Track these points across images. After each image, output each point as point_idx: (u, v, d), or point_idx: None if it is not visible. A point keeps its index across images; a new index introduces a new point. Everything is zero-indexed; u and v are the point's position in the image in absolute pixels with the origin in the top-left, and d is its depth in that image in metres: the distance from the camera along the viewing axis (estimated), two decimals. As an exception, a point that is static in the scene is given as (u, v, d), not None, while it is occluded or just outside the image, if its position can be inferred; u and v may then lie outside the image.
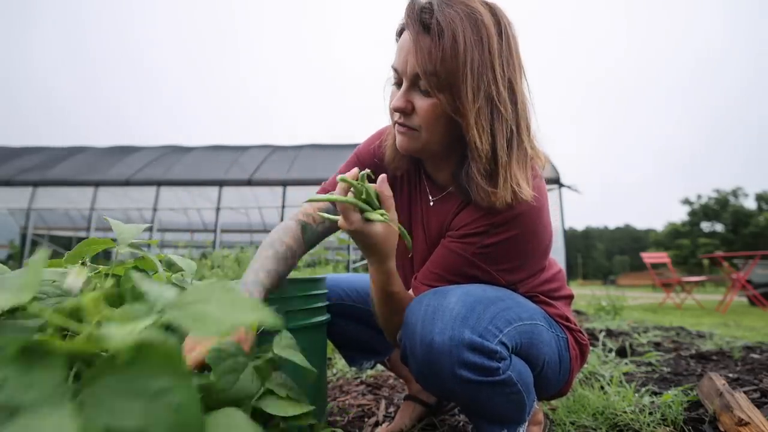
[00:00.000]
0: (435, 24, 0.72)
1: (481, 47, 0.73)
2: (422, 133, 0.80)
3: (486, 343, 0.72)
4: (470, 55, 0.72)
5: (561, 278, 1.04)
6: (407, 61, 0.76)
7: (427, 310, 0.75)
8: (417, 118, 0.79)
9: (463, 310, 0.74)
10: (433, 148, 0.84)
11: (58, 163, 9.30)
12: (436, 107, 0.77)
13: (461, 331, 0.72)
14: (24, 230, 8.72)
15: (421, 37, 0.73)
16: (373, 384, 1.64)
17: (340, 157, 9.08)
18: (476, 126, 0.75)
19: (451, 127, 0.79)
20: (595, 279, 67.57)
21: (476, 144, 0.75)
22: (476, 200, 0.81)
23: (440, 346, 0.71)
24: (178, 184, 8.45)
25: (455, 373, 0.72)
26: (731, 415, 1.01)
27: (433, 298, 0.77)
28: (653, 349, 2.27)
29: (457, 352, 0.71)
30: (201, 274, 3.27)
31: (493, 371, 0.73)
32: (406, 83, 0.78)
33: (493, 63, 0.74)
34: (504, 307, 0.79)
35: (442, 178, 0.93)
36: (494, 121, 0.76)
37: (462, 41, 0.72)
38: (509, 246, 0.82)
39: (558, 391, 0.98)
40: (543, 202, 0.84)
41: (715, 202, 42.67)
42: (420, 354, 0.74)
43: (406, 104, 0.79)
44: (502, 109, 0.76)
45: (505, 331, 0.76)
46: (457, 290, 0.78)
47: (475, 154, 0.77)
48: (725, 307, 5.86)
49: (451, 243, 0.86)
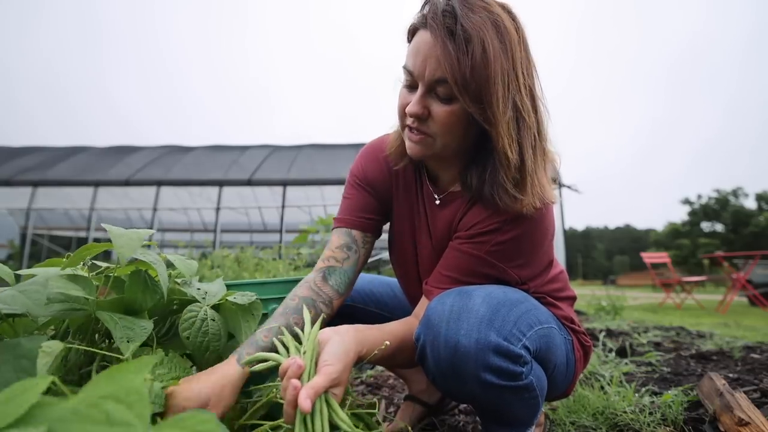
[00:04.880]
0: (461, 31, 0.70)
1: (505, 56, 0.72)
2: (437, 139, 0.79)
3: (512, 347, 0.71)
4: (499, 65, 0.71)
5: (564, 279, 1.04)
6: (426, 66, 0.74)
7: (452, 310, 0.73)
8: (433, 125, 0.78)
9: (488, 313, 0.72)
10: (444, 154, 0.83)
11: (58, 163, 9.30)
12: (454, 115, 0.75)
13: (487, 333, 0.70)
14: (24, 230, 8.72)
15: (448, 44, 0.70)
16: (373, 384, 1.64)
17: (340, 157, 9.08)
18: (507, 136, 0.74)
19: (468, 134, 0.79)
20: (595, 279, 67.50)
21: (507, 154, 0.75)
22: (498, 205, 0.80)
23: (466, 349, 0.70)
24: (178, 184, 8.45)
25: (479, 377, 0.71)
26: (731, 415, 1.01)
27: (458, 299, 0.75)
28: (653, 349, 2.27)
29: (483, 356, 0.70)
30: (201, 274, 3.27)
31: (516, 376, 0.72)
32: (423, 88, 0.76)
33: (516, 71, 0.74)
34: (525, 310, 0.79)
35: (446, 178, 0.92)
36: (521, 129, 0.76)
37: (491, 50, 0.70)
38: (520, 241, 0.82)
39: (562, 393, 0.98)
40: None
41: (715, 202, 42.63)
42: (443, 356, 0.72)
43: (423, 110, 0.77)
44: (526, 117, 0.75)
45: (528, 335, 0.76)
46: (480, 291, 0.76)
47: (505, 162, 0.76)
48: (725, 307, 5.86)
49: (462, 244, 0.85)
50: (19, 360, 0.44)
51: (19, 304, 0.48)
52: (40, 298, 0.49)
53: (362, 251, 0.96)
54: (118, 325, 0.53)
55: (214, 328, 0.63)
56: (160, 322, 0.67)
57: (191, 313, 0.63)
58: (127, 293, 0.61)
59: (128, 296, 0.60)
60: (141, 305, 0.61)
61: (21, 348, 0.45)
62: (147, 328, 0.55)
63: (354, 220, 0.97)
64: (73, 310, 0.54)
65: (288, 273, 3.08)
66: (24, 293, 0.49)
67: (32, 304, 0.48)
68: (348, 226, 0.96)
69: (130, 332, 0.53)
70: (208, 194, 8.65)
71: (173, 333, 0.68)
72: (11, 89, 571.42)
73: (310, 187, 8.47)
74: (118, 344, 0.51)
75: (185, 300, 0.68)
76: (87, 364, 0.58)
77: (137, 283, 0.62)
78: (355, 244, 0.95)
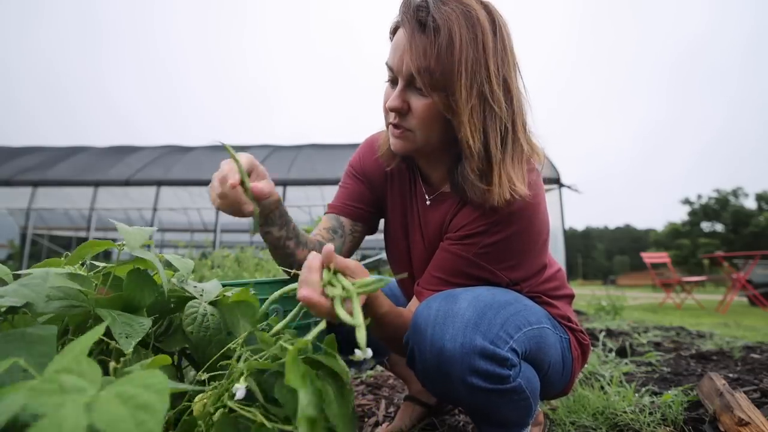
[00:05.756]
0: (431, 21, 0.71)
1: (475, 45, 0.73)
2: (417, 133, 0.80)
3: (498, 350, 0.71)
4: (465, 53, 0.72)
5: (561, 277, 1.04)
6: (403, 60, 0.75)
7: (437, 314, 0.73)
8: (412, 119, 0.79)
9: (474, 316, 0.72)
10: (428, 149, 0.84)
11: (58, 163, 9.30)
12: (432, 107, 0.76)
13: (473, 337, 0.70)
14: (24, 230, 8.72)
15: (417, 35, 0.72)
16: (373, 384, 1.64)
17: (340, 157, 9.08)
18: (469, 124, 0.74)
19: (447, 127, 0.79)
20: (595, 279, 67.54)
21: (469, 143, 0.75)
22: (472, 199, 0.80)
23: (451, 353, 0.70)
24: (178, 184, 8.45)
25: (465, 381, 0.70)
26: (731, 415, 1.01)
27: (444, 303, 0.75)
28: (653, 349, 2.27)
29: (468, 360, 0.69)
30: (201, 274, 3.27)
31: (503, 379, 0.72)
32: (402, 82, 0.77)
33: (487, 61, 0.74)
34: (513, 312, 0.78)
35: (436, 177, 0.92)
36: (486, 119, 0.76)
37: (458, 39, 0.71)
38: (510, 243, 0.82)
39: (560, 392, 0.98)
40: (540, 197, 0.84)
41: (715, 202, 42.64)
42: (429, 360, 0.72)
43: (402, 104, 0.78)
44: (496, 107, 0.75)
45: (516, 337, 0.75)
46: (467, 294, 0.76)
47: (468, 152, 0.76)
48: (725, 307, 5.86)
49: (451, 246, 0.85)
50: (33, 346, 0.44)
51: (21, 296, 0.49)
52: (41, 291, 0.50)
53: (348, 238, 1.00)
54: (117, 322, 0.53)
55: (215, 323, 0.64)
56: (158, 320, 0.67)
57: (192, 309, 0.64)
58: (126, 291, 0.61)
59: (127, 294, 0.61)
60: (140, 303, 0.61)
61: (30, 336, 0.45)
62: (145, 325, 0.55)
63: (343, 207, 1.01)
64: (73, 307, 0.54)
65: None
66: (26, 286, 0.50)
67: (35, 295, 0.49)
68: (337, 212, 1.01)
69: (129, 329, 0.53)
70: (208, 194, 8.65)
71: (172, 331, 0.68)
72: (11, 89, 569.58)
73: (310, 187, 8.47)
74: (118, 340, 0.51)
75: (182, 298, 0.69)
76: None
77: (136, 280, 0.62)
78: (342, 230, 0.99)
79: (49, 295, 0.53)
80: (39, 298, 0.49)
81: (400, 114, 0.79)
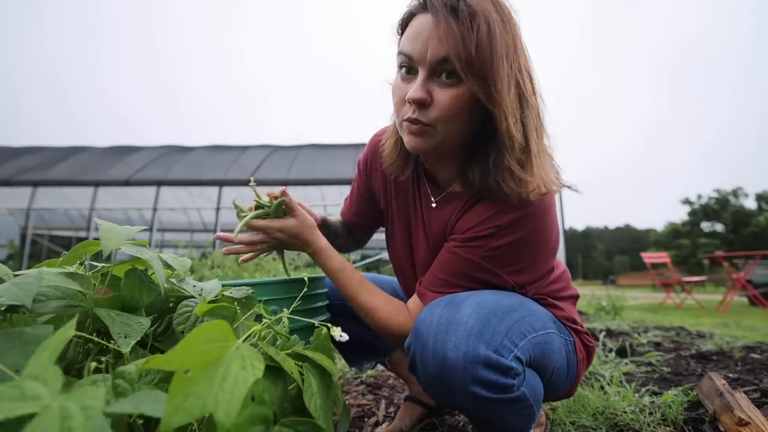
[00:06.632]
0: (464, 7, 0.68)
1: (507, 33, 0.71)
2: (438, 127, 0.75)
3: (501, 359, 0.69)
4: (503, 41, 0.70)
5: (566, 278, 1.02)
6: (428, 47, 0.71)
7: (440, 322, 0.71)
8: (434, 112, 0.73)
9: (477, 324, 0.70)
10: (446, 145, 0.79)
11: (58, 163, 9.30)
12: (458, 98, 0.72)
13: (476, 346, 0.68)
14: (24, 230, 8.73)
15: (452, 21, 0.68)
16: (373, 384, 1.64)
17: (340, 157, 9.09)
18: (512, 116, 0.72)
19: (471, 121, 0.76)
20: (595, 279, 67.50)
21: (512, 134, 0.72)
22: (493, 195, 0.78)
23: (454, 362, 0.68)
24: (178, 184, 8.45)
25: (468, 390, 0.68)
26: (731, 415, 1.01)
27: (446, 309, 0.73)
28: (653, 349, 2.27)
29: (471, 369, 0.68)
30: (201, 274, 3.26)
31: (508, 388, 0.70)
32: (425, 72, 0.72)
33: (517, 49, 0.72)
34: (518, 318, 0.76)
35: (444, 177, 0.90)
36: (523, 109, 0.74)
37: (495, 27, 0.69)
38: (517, 247, 0.79)
39: (564, 394, 0.97)
40: (550, 201, 0.81)
41: (715, 202, 42.61)
42: (432, 368, 0.71)
43: (426, 95, 0.72)
44: (528, 96, 0.74)
45: (520, 345, 0.73)
46: (470, 300, 0.74)
47: (509, 144, 0.73)
48: (725, 307, 5.86)
49: (456, 248, 0.82)
50: (28, 345, 0.44)
51: (11, 295, 0.48)
52: (31, 290, 0.49)
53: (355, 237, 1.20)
54: (116, 322, 0.53)
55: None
56: (156, 320, 0.67)
57: (186, 308, 0.63)
58: (124, 290, 0.60)
59: (125, 293, 0.60)
60: (138, 302, 0.61)
61: (27, 335, 0.45)
62: (144, 325, 0.55)
63: (351, 223, 1.14)
64: (71, 307, 0.54)
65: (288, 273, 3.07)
66: (17, 285, 0.49)
67: (23, 294, 0.48)
68: (345, 219, 1.15)
69: (127, 328, 0.53)
70: (208, 194, 8.65)
71: (171, 331, 0.68)
72: (12, 89, 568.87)
73: (310, 187, 8.47)
74: (116, 340, 0.51)
75: (181, 297, 0.68)
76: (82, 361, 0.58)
77: (134, 280, 0.61)
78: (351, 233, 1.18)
79: (47, 295, 0.53)
80: (27, 297, 0.48)
81: (422, 106, 0.74)
